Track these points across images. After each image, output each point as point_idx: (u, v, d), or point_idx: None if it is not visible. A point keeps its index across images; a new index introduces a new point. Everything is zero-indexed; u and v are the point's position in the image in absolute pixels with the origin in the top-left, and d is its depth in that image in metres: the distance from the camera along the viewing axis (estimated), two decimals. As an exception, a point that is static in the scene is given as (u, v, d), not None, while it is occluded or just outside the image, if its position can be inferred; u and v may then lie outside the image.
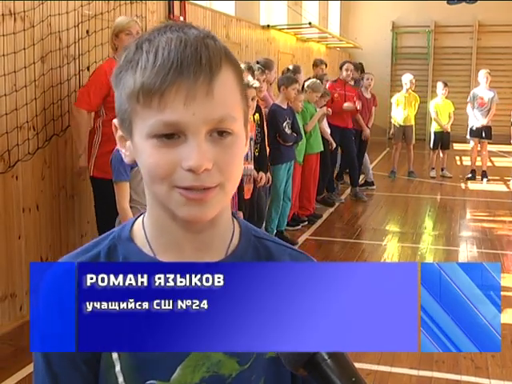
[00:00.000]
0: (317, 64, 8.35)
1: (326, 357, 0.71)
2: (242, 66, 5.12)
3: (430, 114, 10.01)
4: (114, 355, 0.85)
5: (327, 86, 7.79)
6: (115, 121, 0.87)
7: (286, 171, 5.83)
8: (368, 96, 8.51)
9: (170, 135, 0.78)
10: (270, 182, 5.43)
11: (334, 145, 7.36)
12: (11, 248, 3.85)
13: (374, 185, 8.82)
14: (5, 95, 3.70)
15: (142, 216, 0.93)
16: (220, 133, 0.79)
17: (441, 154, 9.79)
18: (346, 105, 7.59)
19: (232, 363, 0.87)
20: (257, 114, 5.00)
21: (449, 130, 9.65)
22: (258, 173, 4.88)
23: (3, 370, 3.32)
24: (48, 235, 4.18)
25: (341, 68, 7.90)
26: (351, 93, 7.81)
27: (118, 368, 0.86)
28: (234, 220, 0.94)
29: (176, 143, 0.78)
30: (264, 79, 5.26)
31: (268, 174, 5.37)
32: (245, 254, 0.91)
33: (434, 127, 9.82)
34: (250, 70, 5.07)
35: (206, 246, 0.88)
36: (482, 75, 9.40)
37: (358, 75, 8.63)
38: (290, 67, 7.04)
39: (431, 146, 9.85)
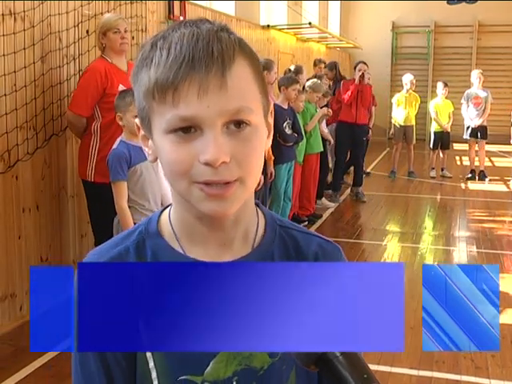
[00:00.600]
0: (315, 63, 8.38)
1: (338, 353, 0.71)
2: None
3: (430, 114, 10.02)
4: (148, 352, 0.86)
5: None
6: (137, 120, 0.87)
7: (287, 171, 5.84)
8: None
9: (187, 129, 0.78)
10: (273, 177, 5.44)
11: (332, 141, 7.39)
12: (11, 248, 3.85)
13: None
14: (5, 95, 3.70)
15: (167, 209, 0.93)
16: (237, 125, 0.79)
17: (441, 154, 9.80)
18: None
19: (263, 355, 0.87)
20: None
21: (449, 130, 9.66)
22: None
23: (3, 370, 3.32)
24: (48, 235, 4.18)
25: (355, 68, 7.94)
26: (366, 90, 7.81)
27: (151, 364, 0.86)
28: (259, 211, 0.94)
29: (192, 137, 0.78)
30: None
31: (271, 168, 5.38)
32: (271, 246, 0.91)
33: (433, 127, 9.82)
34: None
35: (231, 240, 0.88)
36: (475, 76, 9.42)
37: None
38: (292, 67, 7.04)
39: (431, 146, 9.86)
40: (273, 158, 5.38)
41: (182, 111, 0.77)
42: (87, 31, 4.42)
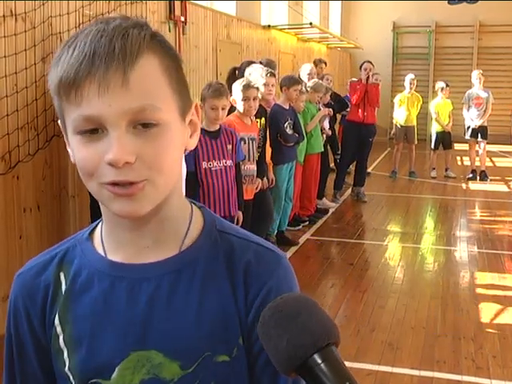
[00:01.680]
0: (316, 63, 8.36)
1: (319, 361, 0.69)
2: (262, 68, 5.12)
3: (431, 114, 9.99)
4: (65, 353, 0.87)
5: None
6: (59, 121, 0.85)
7: (288, 171, 5.83)
8: None
9: (94, 130, 0.76)
10: (274, 183, 5.43)
11: (330, 133, 7.43)
12: (12, 248, 3.86)
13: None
14: (6, 96, 3.70)
15: None
16: (145, 125, 0.77)
17: (444, 154, 9.77)
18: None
19: (173, 367, 0.83)
20: (262, 118, 5.02)
21: (449, 130, 9.65)
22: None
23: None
24: (49, 235, 4.18)
25: (360, 68, 7.94)
26: (372, 90, 7.82)
27: (67, 366, 0.86)
28: (197, 213, 0.91)
29: (99, 137, 0.76)
30: (274, 83, 5.24)
31: (271, 173, 5.38)
32: (201, 250, 0.87)
33: (435, 127, 9.81)
34: (273, 75, 5.12)
35: (155, 242, 0.86)
36: (476, 76, 9.43)
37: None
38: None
39: (432, 146, 9.85)
40: (271, 163, 5.38)
41: (84, 110, 0.75)
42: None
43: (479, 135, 9.43)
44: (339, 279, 4.99)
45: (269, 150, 5.25)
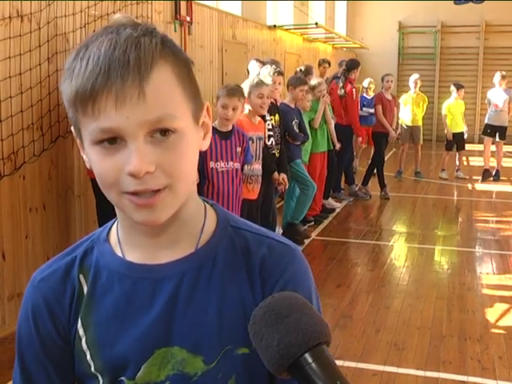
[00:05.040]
0: (320, 63, 8.48)
1: (310, 360, 0.70)
2: (271, 66, 5.20)
3: (443, 115, 9.88)
4: (88, 355, 0.88)
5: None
6: (72, 128, 0.85)
7: (294, 171, 5.85)
8: (389, 97, 8.51)
9: (112, 140, 0.77)
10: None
11: (338, 145, 7.39)
12: (18, 247, 3.87)
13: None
14: (10, 97, 3.71)
15: None
16: (162, 132, 0.77)
17: (457, 155, 9.72)
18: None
19: (197, 362, 0.85)
20: (276, 115, 5.04)
21: (463, 130, 9.61)
22: (278, 174, 4.94)
23: (11, 370, 3.32)
24: (55, 235, 4.19)
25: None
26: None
27: (93, 368, 0.88)
28: (210, 211, 0.92)
29: (118, 148, 0.77)
30: (280, 82, 5.28)
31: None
32: (216, 247, 0.89)
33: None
34: (281, 74, 5.19)
35: (172, 242, 0.87)
36: (497, 78, 9.38)
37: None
38: (302, 68, 7.02)
39: (445, 147, 9.78)
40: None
41: (102, 123, 0.76)
42: (94, 32, 4.42)
43: (497, 135, 9.39)
44: (345, 279, 4.98)
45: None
